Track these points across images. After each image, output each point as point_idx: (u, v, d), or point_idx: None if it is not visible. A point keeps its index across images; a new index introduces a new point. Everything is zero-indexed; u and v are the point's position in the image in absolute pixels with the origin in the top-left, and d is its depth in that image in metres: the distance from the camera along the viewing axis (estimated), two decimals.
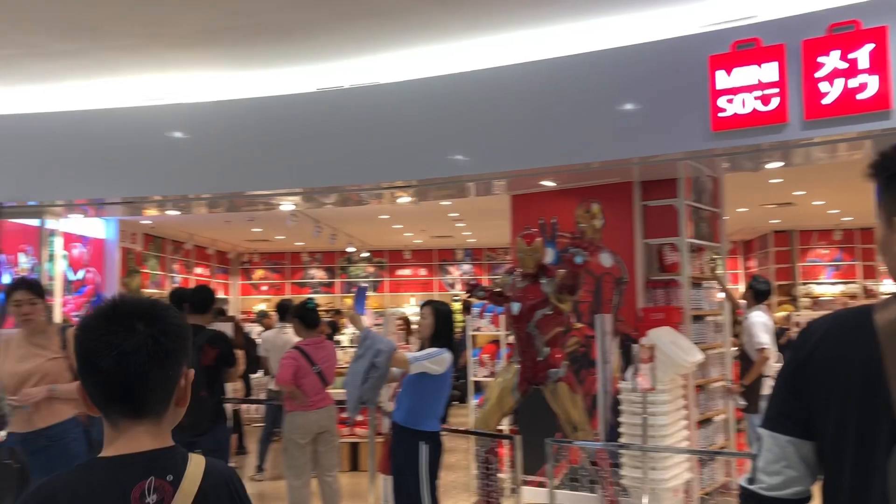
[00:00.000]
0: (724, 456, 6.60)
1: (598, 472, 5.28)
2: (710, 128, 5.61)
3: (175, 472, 1.37)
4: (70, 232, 10.74)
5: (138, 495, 1.30)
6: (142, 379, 1.35)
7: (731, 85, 5.50)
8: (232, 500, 1.46)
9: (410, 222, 14.21)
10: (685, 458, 5.60)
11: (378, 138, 6.84)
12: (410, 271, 18.96)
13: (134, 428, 1.36)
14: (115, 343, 1.32)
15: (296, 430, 5.28)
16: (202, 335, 4.92)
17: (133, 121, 7.43)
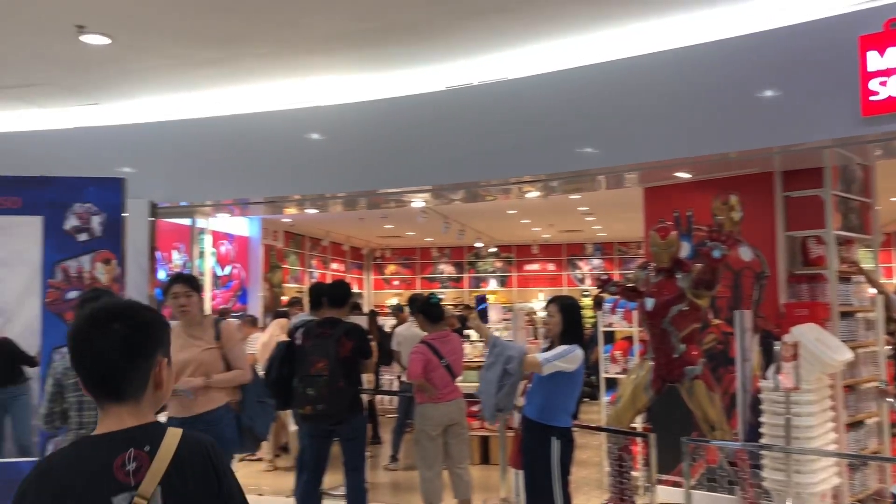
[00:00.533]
0: (877, 461, 6.18)
1: (737, 473, 5.09)
2: (859, 113, 5.25)
3: (152, 443, 1.58)
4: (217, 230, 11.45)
5: (120, 464, 1.54)
6: (117, 371, 1.59)
7: (884, 66, 5.13)
8: (206, 468, 1.63)
9: (539, 217, 14.13)
10: (833, 461, 5.29)
11: (506, 133, 6.86)
12: (538, 266, 18.86)
13: (116, 409, 1.61)
14: (93, 343, 1.60)
15: (426, 422, 5.38)
16: (339, 328, 5.09)
17: (273, 124, 7.79)
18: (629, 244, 18.03)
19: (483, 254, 18.83)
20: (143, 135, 8.02)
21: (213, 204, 8.68)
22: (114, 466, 1.55)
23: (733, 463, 5.16)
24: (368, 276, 19.50)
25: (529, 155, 6.83)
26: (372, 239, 17.87)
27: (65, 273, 5.69)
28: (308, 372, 4.88)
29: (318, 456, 5.16)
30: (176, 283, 4.25)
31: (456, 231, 13.83)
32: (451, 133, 7.14)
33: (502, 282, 19.01)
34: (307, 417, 4.97)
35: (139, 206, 7.02)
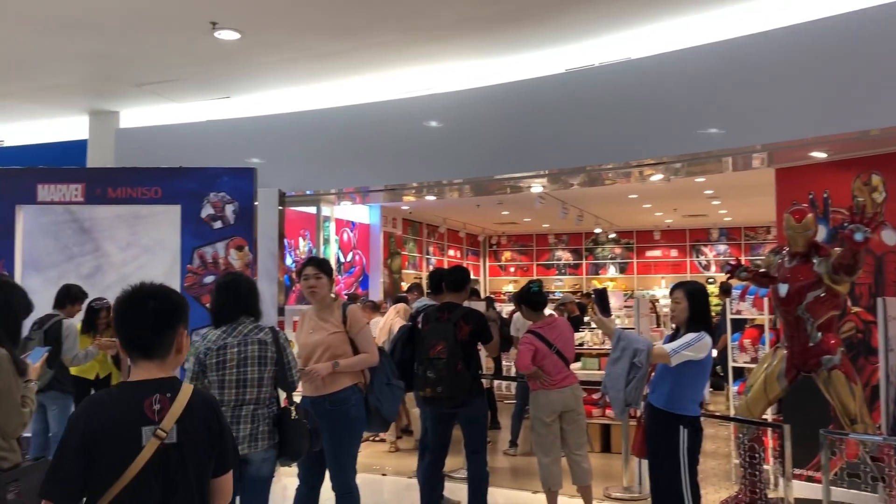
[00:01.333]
0: None
1: (881, 469, 4.78)
2: None
3: (172, 392, 2.14)
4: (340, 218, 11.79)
5: (149, 404, 2.10)
6: (147, 338, 2.15)
7: None
8: (210, 416, 2.19)
9: (661, 201, 13.75)
10: None
11: (627, 115, 6.70)
12: (660, 252, 18.36)
13: (147, 365, 2.16)
14: (130, 316, 2.15)
15: (540, 409, 5.36)
16: (457, 312, 5.15)
17: (393, 113, 7.93)
18: (757, 229, 17.27)
19: (602, 240, 18.51)
20: (272, 126, 8.35)
21: (336, 192, 8.94)
22: (144, 405, 2.10)
23: (877, 458, 4.86)
24: (484, 263, 19.57)
25: (651, 137, 6.66)
26: (488, 225, 17.92)
27: (201, 259, 6.00)
28: (427, 355, 4.97)
29: (441, 438, 5.24)
30: (308, 266, 4.42)
31: (574, 216, 13.67)
32: (571, 116, 7.05)
33: (622, 269, 18.65)
34: (428, 400, 5.06)
35: (269, 195, 7.30)
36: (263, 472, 3.76)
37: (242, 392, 3.67)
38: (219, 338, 3.70)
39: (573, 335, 5.86)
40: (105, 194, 6.12)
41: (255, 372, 3.70)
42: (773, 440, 5.92)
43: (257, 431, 3.68)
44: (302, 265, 4.47)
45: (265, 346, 3.75)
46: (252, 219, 6.09)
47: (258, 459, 3.71)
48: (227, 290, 3.81)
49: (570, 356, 5.56)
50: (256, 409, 3.71)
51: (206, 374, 3.67)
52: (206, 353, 3.67)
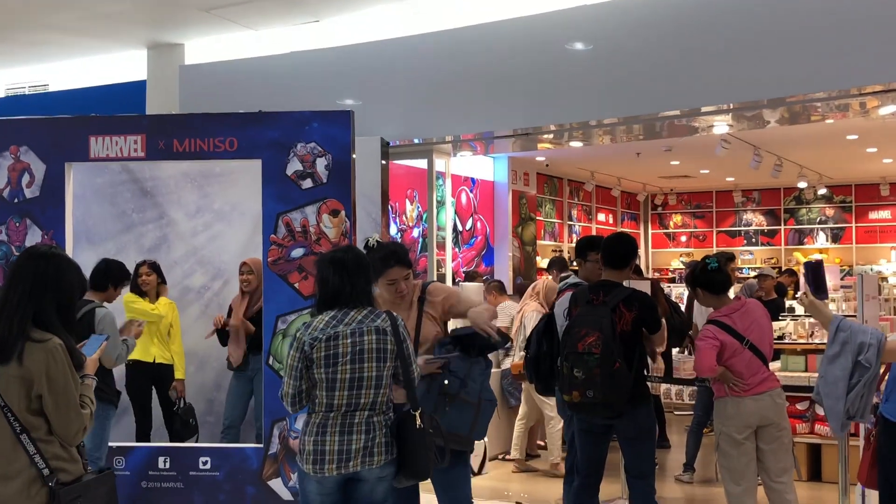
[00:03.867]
0: None
1: None
2: None
3: None
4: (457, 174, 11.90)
5: None
6: None
7: None
8: None
9: (892, 143, 13.14)
10: None
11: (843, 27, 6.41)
12: (889, 214, 17.58)
13: None
14: None
15: (729, 423, 5.26)
16: (616, 293, 5.12)
17: (525, 34, 7.90)
18: None
19: (808, 198, 17.89)
20: (371, 57, 8.49)
21: (452, 140, 9.04)
22: None
23: None
24: (646, 230, 19.34)
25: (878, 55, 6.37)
26: (651, 180, 17.67)
27: (288, 227, 6.18)
28: (575, 348, 4.96)
29: (591, 457, 5.25)
30: (392, 266, 4.43)
31: (770, 167, 13.26)
32: (763, 30, 6.83)
33: (836, 236, 17.98)
34: (575, 406, 5.06)
35: (369, 146, 7.41)
36: (378, 495, 3.88)
37: (357, 394, 3.80)
38: (328, 325, 3.82)
39: (771, 325, 5.70)
40: (170, 147, 6.34)
41: (374, 369, 3.82)
42: None
43: (373, 444, 3.80)
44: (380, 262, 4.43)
45: (384, 335, 3.86)
46: (349, 176, 6.19)
47: (373, 478, 3.83)
48: (343, 267, 3.92)
49: (768, 352, 5.42)
50: (372, 415, 3.83)
51: (312, 370, 3.81)
52: (312, 344, 3.80)
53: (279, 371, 5.99)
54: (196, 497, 6.14)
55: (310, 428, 3.84)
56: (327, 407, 3.81)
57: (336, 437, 3.78)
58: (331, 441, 3.78)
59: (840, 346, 4.05)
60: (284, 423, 6.08)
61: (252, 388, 6.74)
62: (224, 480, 6.14)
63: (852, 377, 4.00)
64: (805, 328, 8.63)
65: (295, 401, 3.87)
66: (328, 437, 3.79)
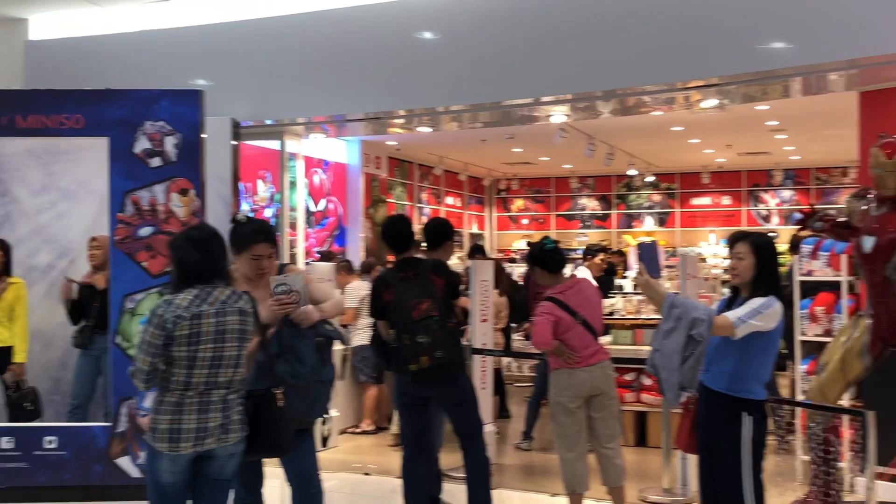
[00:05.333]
0: None
1: None
2: None
3: None
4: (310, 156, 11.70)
5: None
6: None
7: None
8: None
9: (712, 135, 13.69)
10: None
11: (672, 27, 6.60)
12: (710, 200, 18.35)
13: None
14: None
15: (563, 392, 5.36)
16: (422, 265, 5.20)
17: (377, 21, 7.81)
18: (831, 171, 17.22)
19: (637, 184, 18.48)
20: (223, 38, 8.24)
21: (304, 122, 8.88)
22: None
23: None
24: (491, 213, 19.57)
25: (701, 53, 6.61)
26: (496, 166, 17.87)
27: (136, 205, 5.94)
28: (411, 318, 4.97)
29: (416, 428, 5.29)
30: (259, 242, 4.28)
31: (603, 155, 13.60)
32: (601, 28, 6.95)
33: (662, 220, 18.65)
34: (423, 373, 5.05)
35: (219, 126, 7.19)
36: (227, 471, 3.80)
37: (215, 373, 3.69)
38: (191, 304, 3.68)
39: (601, 301, 5.84)
40: (13, 124, 6.01)
41: (234, 349, 3.73)
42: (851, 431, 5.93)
43: (229, 421, 3.71)
44: (247, 238, 4.29)
45: (246, 317, 3.78)
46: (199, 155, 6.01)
47: (225, 454, 3.74)
48: (204, 245, 3.79)
49: (599, 327, 5.54)
50: (228, 393, 3.73)
51: (172, 348, 3.64)
52: (175, 321, 3.63)
53: (127, 350, 5.77)
54: (40, 476, 5.86)
55: (164, 406, 3.68)
56: (184, 385, 3.66)
57: (194, 416, 3.65)
58: (188, 419, 3.64)
59: (674, 322, 4.12)
60: (133, 401, 5.88)
61: (99, 367, 6.43)
62: (70, 459, 5.89)
63: (685, 350, 4.09)
64: (633, 304, 8.90)
65: (149, 377, 3.69)
66: (185, 415, 3.65)
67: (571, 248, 16.83)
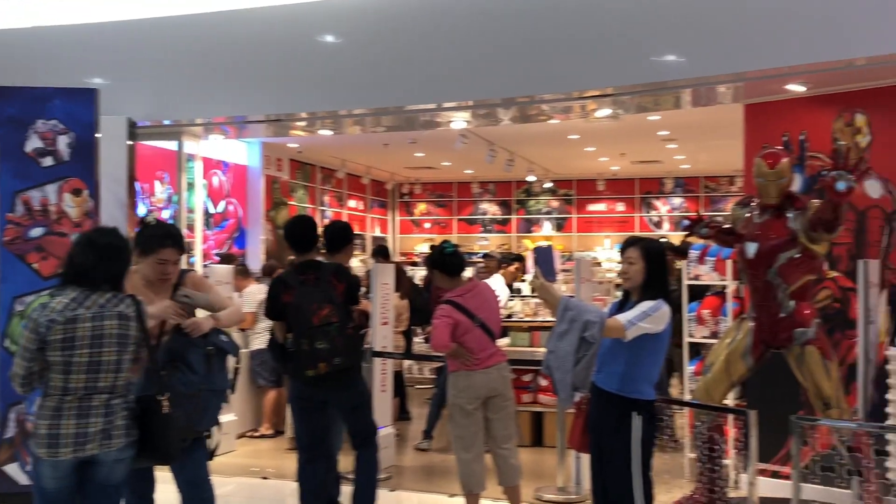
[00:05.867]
0: None
1: (857, 460, 5.02)
2: None
3: None
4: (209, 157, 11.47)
5: None
6: None
7: None
8: None
9: (607, 144, 13.94)
10: None
11: (569, 37, 6.71)
12: (605, 206, 18.70)
13: None
14: None
15: (461, 394, 5.39)
16: (324, 269, 5.15)
17: (278, 23, 7.71)
18: (719, 179, 17.76)
19: (536, 190, 18.70)
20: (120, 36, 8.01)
21: (203, 123, 8.70)
22: None
23: (853, 448, 5.08)
24: (394, 217, 19.52)
25: (597, 64, 6.72)
26: (398, 170, 17.84)
27: (26, 206, 5.75)
28: (311, 323, 4.92)
29: (315, 431, 5.23)
30: (168, 247, 4.22)
31: (503, 161, 13.70)
32: (501, 36, 7.00)
33: (559, 225, 18.91)
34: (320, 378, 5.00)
35: (115, 125, 7.03)
36: (115, 476, 3.70)
37: (94, 378, 3.58)
38: (66, 307, 3.56)
39: (499, 304, 5.89)
40: None
41: (113, 354, 3.62)
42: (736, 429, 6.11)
43: (111, 426, 3.61)
44: (153, 240, 4.24)
45: (127, 321, 3.67)
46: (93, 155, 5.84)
47: (110, 460, 3.64)
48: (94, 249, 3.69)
49: (497, 329, 5.58)
50: (111, 398, 3.63)
51: (47, 352, 3.51)
52: (48, 326, 3.50)
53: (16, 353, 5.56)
54: None
55: (43, 411, 3.58)
56: (62, 390, 3.55)
57: (73, 421, 3.55)
58: (66, 424, 3.54)
59: (568, 324, 4.18)
60: (22, 406, 5.65)
61: None
62: None
63: (578, 352, 4.14)
64: (531, 307, 9.00)
65: (25, 382, 3.57)
66: (63, 420, 3.55)
67: (473, 251, 16.92)
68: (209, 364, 4.17)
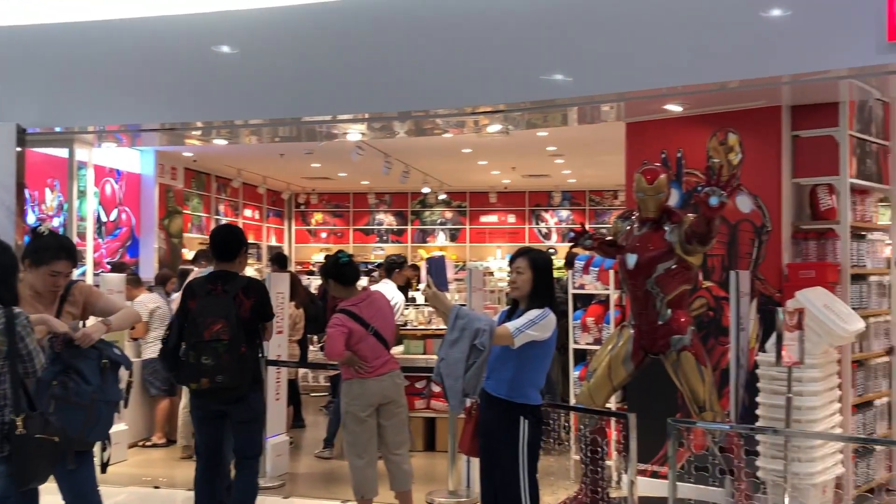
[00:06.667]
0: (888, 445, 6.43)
1: (729, 460, 5.23)
2: (884, 37, 5.32)
3: None
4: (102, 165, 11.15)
5: None
6: None
7: None
8: None
9: (498, 158, 14.12)
10: (837, 447, 5.48)
11: (464, 53, 6.77)
12: (496, 218, 18.93)
13: None
14: None
15: (355, 402, 5.39)
16: (235, 283, 5.06)
17: (174, 33, 7.56)
18: (603, 193, 18.22)
19: (431, 201, 18.80)
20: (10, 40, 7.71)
21: (96, 131, 8.43)
22: None
23: (725, 449, 5.29)
24: (290, 227, 19.32)
25: (489, 81, 6.79)
26: (294, 180, 17.67)
27: None
28: (202, 336, 4.83)
29: (210, 442, 5.13)
30: (62, 259, 4.12)
31: (399, 173, 13.74)
32: (397, 49, 7.02)
33: (453, 236, 19.05)
34: (203, 393, 4.93)
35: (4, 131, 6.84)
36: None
37: None
38: None
39: (393, 313, 5.91)
40: None
41: None
42: (617, 431, 6.29)
43: None
44: (46, 251, 4.13)
45: None
46: None
47: None
48: None
49: (391, 338, 5.61)
50: None
51: None
52: None
53: None
54: None
55: None
56: None
57: None
58: None
59: (459, 332, 4.23)
60: None
61: None
62: None
63: (469, 360, 4.20)
64: (424, 316, 9.06)
65: None
66: None
67: (369, 261, 16.89)
68: (103, 376, 4.06)
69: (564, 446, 7.56)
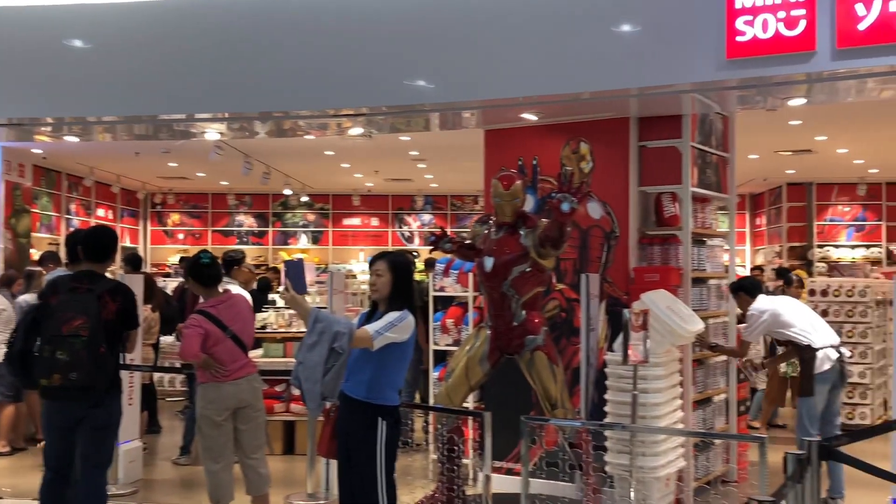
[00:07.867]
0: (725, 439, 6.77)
1: (578, 456, 5.38)
2: (723, 55, 5.63)
3: None
4: None
5: None
6: None
7: (750, 3, 5.51)
8: None
9: (361, 161, 14.11)
10: (679, 442, 5.73)
11: (326, 55, 6.74)
12: (360, 221, 18.89)
13: None
14: None
15: (210, 406, 5.27)
16: (101, 283, 4.90)
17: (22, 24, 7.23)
18: (464, 198, 18.46)
19: (293, 203, 18.57)
20: None
21: None
22: None
23: (574, 445, 5.45)
24: (145, 227, 18.68)
25: (352, 84, 6.78)
26: (150, 180, 17.10)
27: None
28: (59, 331, 4.63)
29: (61, 451, 4.90)
30: None
31: (260, 174, 13.52)
32: (259, 48, 6.93)
33: (315, 238, 18.87)
34: (53, 391, 4.70)
35: None
36: None
37: None
38: None
39: (253, 316, 5.81)
40: None
41: None
42: (474, 430, 6.38)
43: None
44: None
45: None
46: None
47: None
48: None
49: (249, 341, 5.51)
50: None
51: None
52: None
53: None
54: None
55: None
56: None
57: None
58: None
59: (318, 336, 4.20)
60: None
61: None
62: None
63: (327, 363, 4.17)
64: (284, 319, 8.93)
65: None
66: None
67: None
68: None
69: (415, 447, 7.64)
